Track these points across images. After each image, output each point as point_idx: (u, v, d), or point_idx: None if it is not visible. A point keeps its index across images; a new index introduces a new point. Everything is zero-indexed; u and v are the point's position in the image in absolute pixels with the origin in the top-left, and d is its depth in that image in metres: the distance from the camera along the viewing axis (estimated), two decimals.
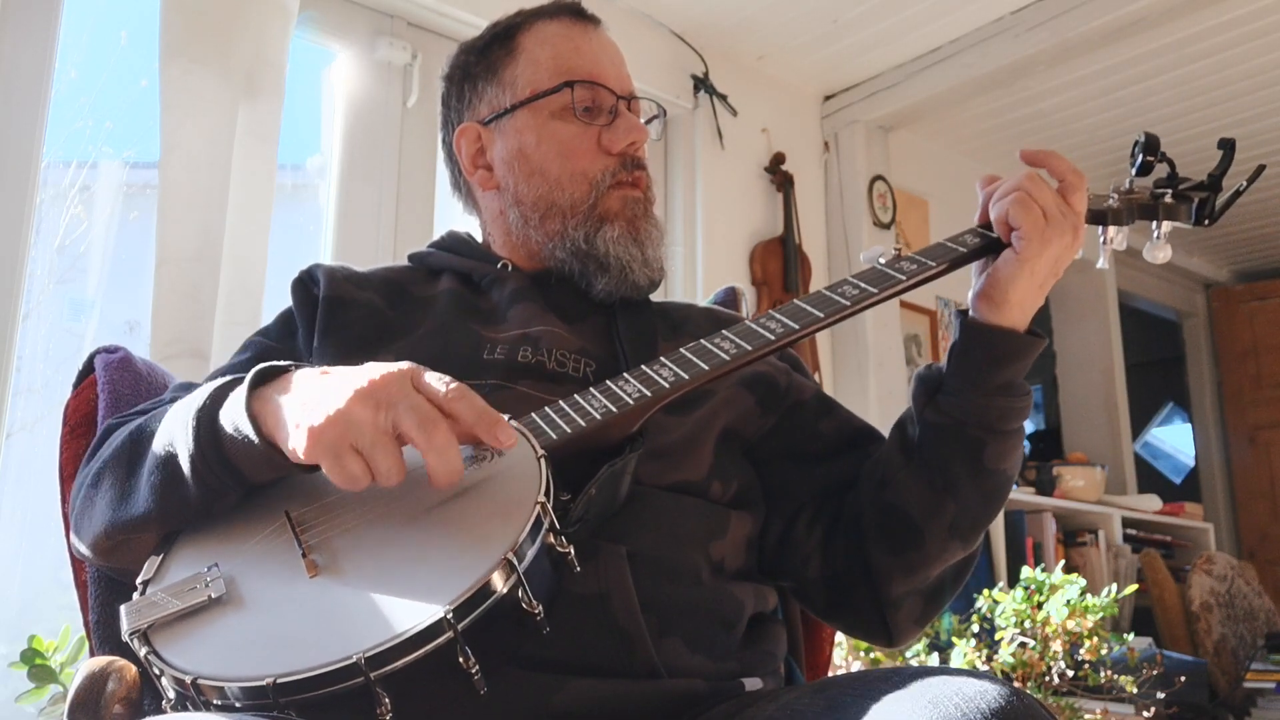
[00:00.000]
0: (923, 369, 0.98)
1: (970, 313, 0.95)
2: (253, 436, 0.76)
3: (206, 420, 0.79)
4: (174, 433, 0.81)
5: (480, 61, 1.13)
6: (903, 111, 3.42)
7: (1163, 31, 3.09)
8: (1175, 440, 5.69)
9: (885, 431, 1.04)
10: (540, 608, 0.70)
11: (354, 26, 2.49)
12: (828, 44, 3.20)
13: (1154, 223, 1.02)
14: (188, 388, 0.97)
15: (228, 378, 0.84)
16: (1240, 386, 4.91)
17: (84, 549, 0.88)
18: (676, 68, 3.08)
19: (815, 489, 1.04)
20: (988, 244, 0.93)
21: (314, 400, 0.74)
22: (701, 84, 3.10)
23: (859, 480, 1.01)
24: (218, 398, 0.80)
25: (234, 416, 0.78)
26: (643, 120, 1.11)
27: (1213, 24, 3.09)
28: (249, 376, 0.79)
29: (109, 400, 1.07)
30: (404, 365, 0.76)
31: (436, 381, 0.75)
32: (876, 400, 3.24)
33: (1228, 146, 1.00)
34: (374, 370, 0.75)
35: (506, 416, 0.83)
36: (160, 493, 0.80)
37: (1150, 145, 0.99)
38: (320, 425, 0.72)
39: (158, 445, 0.82)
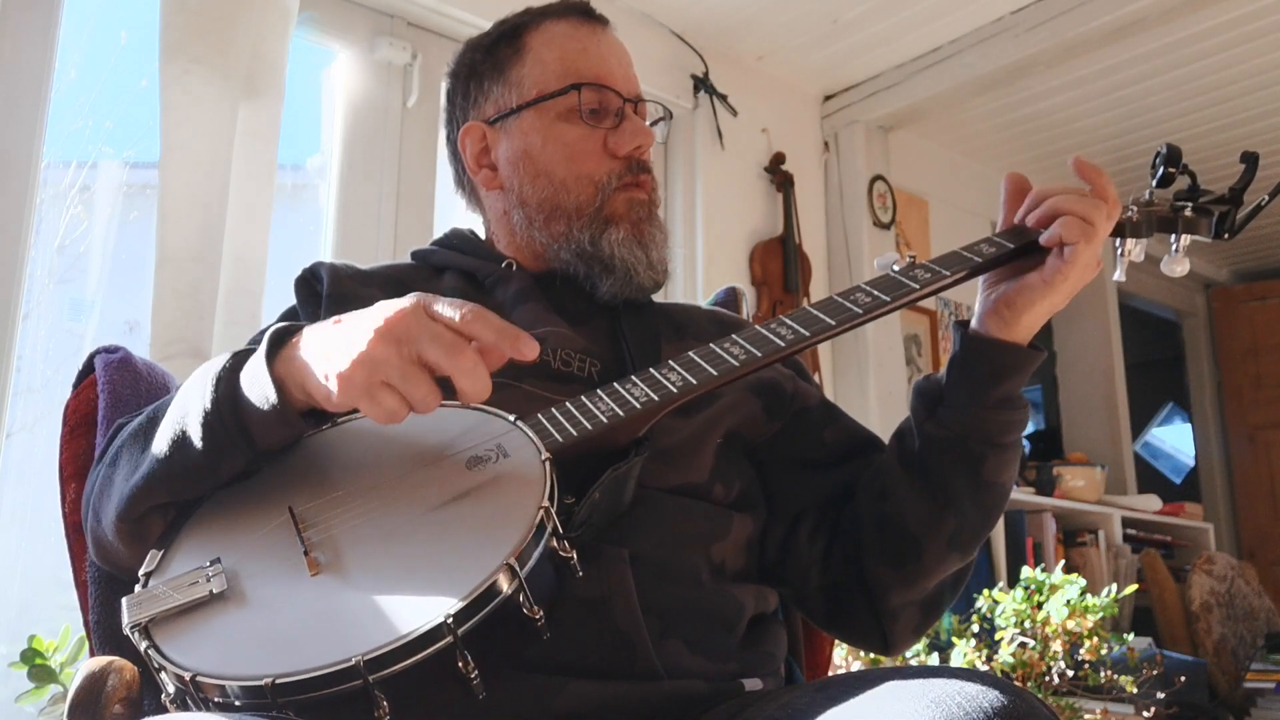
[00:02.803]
0: (921, 380, 0.98)
1: (974, 324, 0.95)
2: (271, 394, 0.77)
3: (226, 379, 0.80)
4: (189, 397, 0.82)
5: (487, 60, 1.12)
6: (903, 111, 3.42)
7: (1163, 31, 3.09)
8: (1175, 440, 5.69)
9: (886, 436, 1.04)
10: (541, 613, 0.70)
11: (354, 26, 2.49)
12: (828, 44, 3.20)
13: (1173, 236, 1.01)
14: None
15: (243, 348, 0.85)
16: (1240, 386, 4.91)
17: (107, 534, 0.87)
18: (676, 68, 3.08)
19: (817, 496, 1.04)
20: (1004, 254, 0.92)
21: (335, 348, 0.75)
22: (701, 84, 3.10)
23: (858, 490, 1.01)
24: (238, 360, 0.82)
25: (254, 373, 0.79)
26: (648, 122, 1.11)
27: (1213, 24, 3.09)
28: (266, 339, 0.80)
29: (109, 400, 1.07)
30: (413, 297, 0.76)
31: (449, 307, 0.75)
32: (876, 400, 3.24)
33: (1250, 161, 0.98)
34: (386, 308, 0.76)
35: (513, 417, 0.83)
36: (167, 453, 0.81)
37: (1172, 157, 0.98)
38: (348, 370, 0.73)
39: (172, 414, 0.83)
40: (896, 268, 0.93)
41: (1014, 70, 3.14)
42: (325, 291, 1.04)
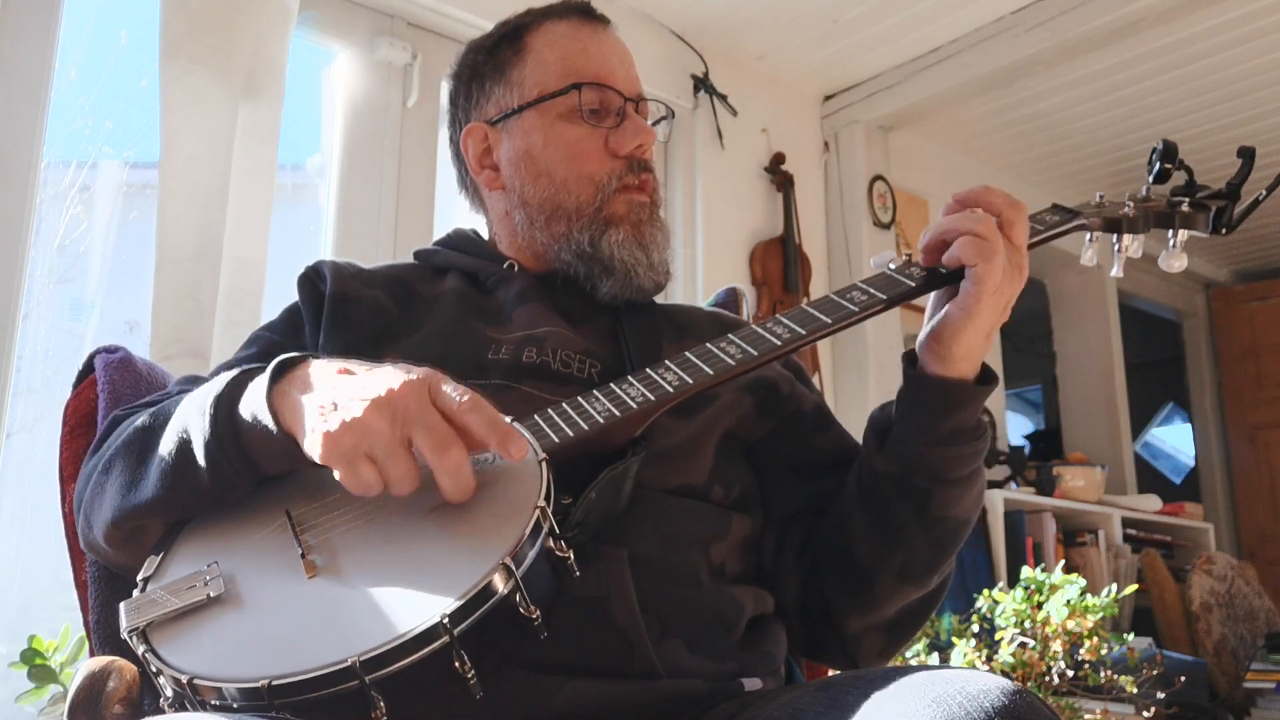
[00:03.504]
0: (877, 410, 0.96)
1: (917, 358, 0.92)
2: (272, 428, 0.76)
3: (225, 408, 0.79)
4: (189, 420, 0.81)
5: (489, 61, 1.12)
6: (903, 111, 3.42)
7: (1163, 31, 3.09)
8: (1175, 440, 5.69)
9: None
10: (538, 613, 0.70)
11: (354, 26, 2.49)
12: (828, 44, 3.20)
13: (1170, 231, 1.01)
14: (194, 381, 0.96)
15: (244, 367, 0.84)
16: (1240, 386, 4.91)
17: (97, 539, 0.87)
18: (676, 68, 3.08)
19: (803, 503, 1.03)
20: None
21: (331, 406, 0.74)
22: (701, 84, 3.10)
23: (831, 510, 1.00)
24: (237, 386, 0.81)
25: (254, 407, 0.78)
26: (650, 122, 1.11)
27: (1213, 24, 3.09)
28: (270, 369, 0.79)
29: (109, 400, 1.07)
30: (421, 373, 0.75)
31: (452, 393, 0.74)
32: (876, 401, 3.23)
33: (1247, 155, 0.97)
34: (392, 378, 0.74)
35: (509, 418, 0.83)
36: (171, 479, 0.80)
37: (1168, 153, 0.97)
38: (336, 432, 0.72)
39: (171, 432, 0.82)
40: (893, 266, 0.92)
41: (1014, 70, 3.14)
42: (328, 290, 1.04)
